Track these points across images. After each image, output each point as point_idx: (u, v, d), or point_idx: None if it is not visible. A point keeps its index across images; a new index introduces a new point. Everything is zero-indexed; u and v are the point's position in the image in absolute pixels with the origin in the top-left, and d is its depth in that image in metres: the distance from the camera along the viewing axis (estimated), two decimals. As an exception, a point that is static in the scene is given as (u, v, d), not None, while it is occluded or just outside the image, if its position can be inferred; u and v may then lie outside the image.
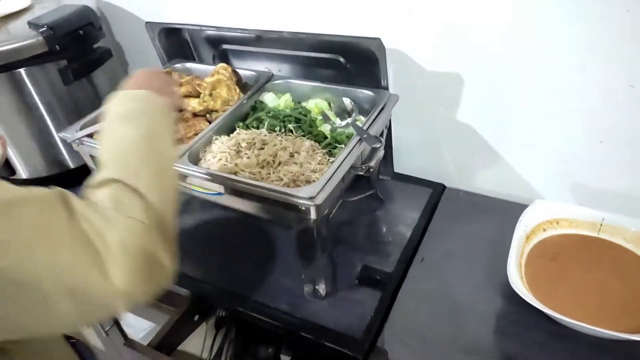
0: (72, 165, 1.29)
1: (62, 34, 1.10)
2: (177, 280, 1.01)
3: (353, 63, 1.08)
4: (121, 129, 0.65)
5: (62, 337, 0.76)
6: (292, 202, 0.77)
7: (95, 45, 1.22)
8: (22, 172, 1.27)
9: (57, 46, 1.10)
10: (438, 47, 0.98)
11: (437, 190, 1.16)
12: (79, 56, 1.17)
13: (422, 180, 1.20)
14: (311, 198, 0.75)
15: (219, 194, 0.88)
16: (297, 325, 0.90)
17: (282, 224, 1.03)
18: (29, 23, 1.11)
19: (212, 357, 1.04)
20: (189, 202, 1.20)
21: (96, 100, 1.28)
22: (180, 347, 1.04)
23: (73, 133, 0.99)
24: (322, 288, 0.93)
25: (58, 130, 1.17)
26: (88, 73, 1.21)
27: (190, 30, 1.24)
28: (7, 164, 1.25)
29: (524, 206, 0.94)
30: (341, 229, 1.07)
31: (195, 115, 1.07)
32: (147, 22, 1.18)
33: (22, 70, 1.14)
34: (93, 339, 1.53)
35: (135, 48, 1.43)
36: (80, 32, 1.14)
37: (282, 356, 1.01)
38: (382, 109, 0.96)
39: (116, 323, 1.41)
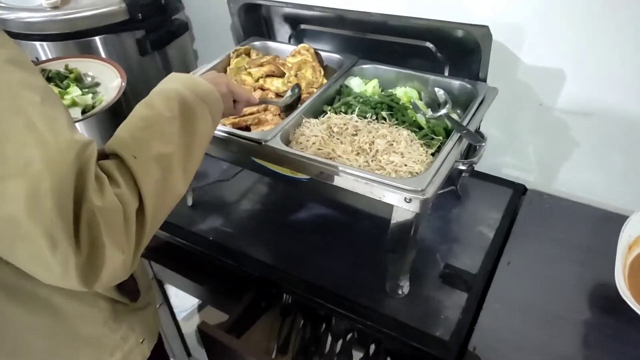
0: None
1: (145, 2, 1.07)
2: (248, 263, 1.01)
3: (445, 51, 1.03)
4: (164, 106, 0.62)
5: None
6: (398, 194, 0.73)
7: (173, 17, 1.18)
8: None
9: (139, 14, 1.07)
10: (544, 38, 0.93)
11: (518, 191, 1.11)
12: (157, 27, 1.14)
13: (501, 179, 1.15)
14: (421, 191, 0.71)
15: (309, 178, 0.84)
16: (379, 321, 0.86)
17: (373, 214, 0.99)
18: (113, -11, 1.08)
19: (279, 345, 1.02)
20: (262, 184, 1.17)
21: (166, 73, 1.25)
22: (248, 333, 1.02)
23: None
24: (406, 285, 0.89)
25: (127, 104, 1.14)
26: (165, 45, 1.18)
27: (270, 8, 1.20)
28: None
29: (620, 215, 0.89)
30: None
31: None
32: (229, -4, 1.14)
33: (97, 38, 1.12)
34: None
35: (205, 23, 1.40)
36: (162, 2, 1.11)
37: (353, 351, 0.98)
38: (481, 102, 0.91)
39: (166, 301, 1.40)
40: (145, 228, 0.55)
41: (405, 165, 0.79)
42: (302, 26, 1.22)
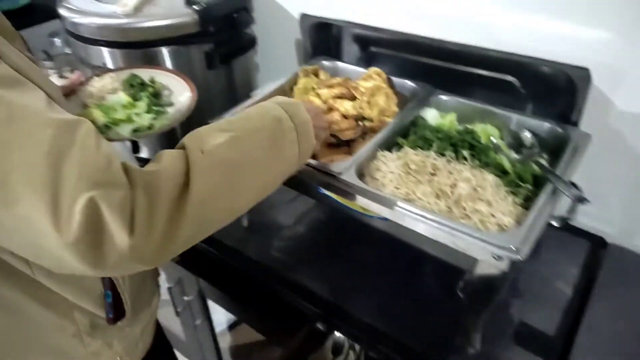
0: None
1: (217, 15, 1.04)
2: (303, 295, 0.96)
3: (530, 87, 0.96)
4: (256, 117, 0.62)
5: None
6: (486, 249, 0.66)
7: (243, 31, 1.15)
8: (146, 152, 1.23)
9: (210, 27, 1.04)
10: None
11: (597, 244, 1.02)
12: (227, 40, 1.11)
13: (577, 229, 1.06)
14: (515, 250, 0.64)
15: (383, 218, 0.79)
16: (445, 378, 0.79)
17: (443, 259, 0.92)
18: (186, 0, 1.05)
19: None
20: (320, 210, 1.12)
21: (229, 89, 1.22)
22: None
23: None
24: (477, 341, 0.82)
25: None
26: (232, 58, 1.14)
27: (341, 27, 1.15)
28: (134, 141, 1.21)
29: None
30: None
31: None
32: (302, 14, 1.10)
33: (164, 49, 1.09)
34: (176, 326, 1.50)
35: (270, 38, 1.36)
36: (235, 15, 1.08)
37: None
38: (574, 151, 0.83)
39: (207, 318, 1.37)
40: (181, 226, 0.51)
41: (493, 216, 0.72)
42: (373, 48, 1.17)
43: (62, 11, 1.11)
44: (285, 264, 1.01)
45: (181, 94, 0.93)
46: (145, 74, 0.95)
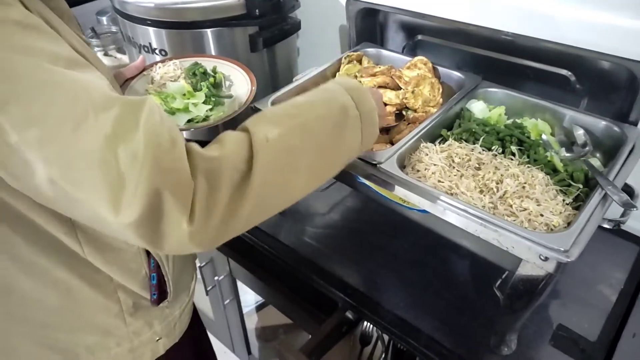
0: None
1: (263, -2, 1.03)
2: (335, 283, 0.95)
3: (586, 83, 0.91)
4: (322, 103, 0.61)
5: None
6: (532, 249, 0.64)
7: (288, 15, 1.14)
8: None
9: (256, 10, 1.03)
10: None
11: (646, 250, 0.98)
12: (272, 24, 1.10)
13: (625, 232, 1.02)
14: (564, 252, 0.62)
15: (423, 211, 0.77)
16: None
17: (481, 256, 0.90)
18: (233, -19, 1.05)
19: (357, 376, 0.96)
20: (357, 199, 1.11)
21: (271, 73, 1.21)
22: (325, 357, 0.96)
23: (265, 106, 0.92)
24: (513, 342, 0.80)
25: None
26: (276, 42, 1.13)
27: (388, 14, 1.13)
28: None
29: None
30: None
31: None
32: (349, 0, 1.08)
33: (209, 31, 1.09)
34: (205, 305, 1.53)
35: (314, 23, 1.34)
36: (281, -1, 1.07)
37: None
38: (631, 151, 0.79)
39: (236, 297, 1.38)
40: (239, 212, 0.50)
41: (542, 215, 0.69)
42: (420, 37, 1.14)
43: (111, -11, 1.13)
44: (317, 251, 1.00)
45: (241, 87, 0.92)
46: (208, 63, 0.95)
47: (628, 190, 0.78)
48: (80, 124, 0.44)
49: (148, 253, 0.69)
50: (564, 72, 0.94)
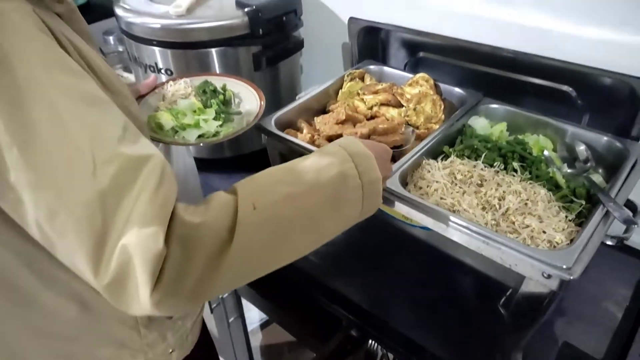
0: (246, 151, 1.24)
1: (267, 17, 1.05)
2: (340, 301, 0.95)
3: (587, 98, 0.92)
4: (322, 172, 0.56)
5: None
6: (535, 267, 0.64)
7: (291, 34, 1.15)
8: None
9: (260, 30, 1.05)
10: None
11: (652, 265, 0.97)
12: (275, 43, 1.11)
13: (630, 248, 1.01)
14: (566, 269, 0.62)
15: (426, 228, 0.77)
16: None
17: (483, 272, 0.89)
18: (237, 2, 1.07)
19: (361, 395, 0.95)
20: (367, 220, 1.11)
21: (274, 91, 1.23)
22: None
23: (268, 124, 0.93)
24: (519, 360, 0.79)
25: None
26: (279, 61, 1.15)
27: (390, 32, 1.14)
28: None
29: None
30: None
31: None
32: (351, 18, 1.10)
33: (213, 50, 1.11)
34: (210, 323, 1.52)
35: (317, 41, 1.36)
36: (284, 18, 1.08)
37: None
38: (633, 166, 0.79)
39: (241, 315, 1.38)
40: (216, 279, 0.49)
41: (544, 232, 0.69)
42: (421, 54, 1.15)
43: (118, 10, 1.15)
44: (321, 268, 1.00)
45: (250, 104, 0.94)
46: (218, 81, 0.97)
47: (631, 206, 0.77)
48: (78, 175, 0.45)
49: None
50: (565, 88, 0.95)
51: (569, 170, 0.83)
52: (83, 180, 0.45)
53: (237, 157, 1.24)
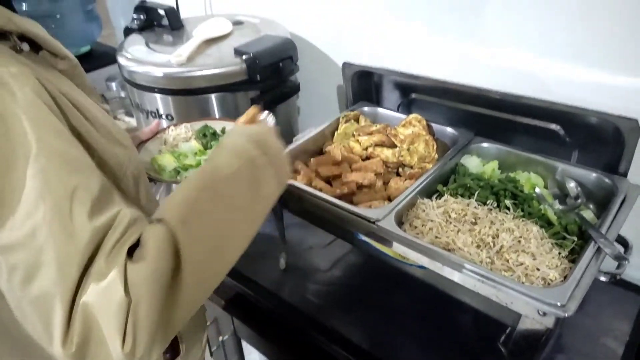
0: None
1: (264, 64, 1.10)
2: (339, 342, 0.95)
3: (575, 136, 0.95)
4: (228, 165, 0.59)
5: None
6: (530, 304, 0.64)
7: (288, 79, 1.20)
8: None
9: (257, 75, 1.09)
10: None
11: (649, 299, 0.97)
12: (272, 87, 1.15)
13: (626, 282, 1.02)
14: (561, 306, 0.62)
15: (423, 267, 0.78)
16: None
17: (482, 311, 0.90)
18: (235, 50, 1.11)
19: None
20: (358, 255, 1.12)
21: (272, 131, 1.26)
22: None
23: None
24: (520, 400, 0.79)
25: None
26: (276, 104, 1.19)
27: (382, 75, 1.18)
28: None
29: None
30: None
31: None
32: (345, 63, 1.14)
33: (213, 96, 1.15)
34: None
35: (313, 84, 1.41)
36: (280, 64, 1.13)
37: None
38: (622, 202, 0.81)
39: (241, 357, 1.36)
40: (178, 305, 0.50)
41: (538, 269, 0.70)
42: (414, 95, 1.19)
43: (120, 59, 1.20)
44: (320, 308, 1.01)
45: None
46: (218, 125, 1.01)
47: (622, 241, 0.79)
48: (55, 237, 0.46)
49: None
50: (553, 126, 0.98)
51: (560, 207, 0.85)
52: (57, 246, 0.46)
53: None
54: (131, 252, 0.49)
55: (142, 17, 1.31)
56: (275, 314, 1.03)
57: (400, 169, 1.00)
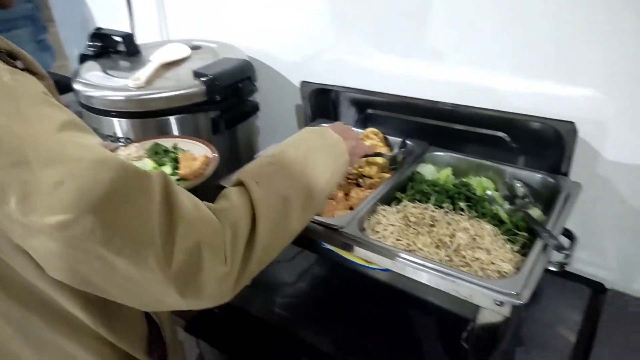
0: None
1: (223, 85, 1.12)
2: (309, 352, 0.96)
3: (520, 142, 1.02)
4: (291, 147, 0.70)
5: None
6: (488, 296, 0.68)
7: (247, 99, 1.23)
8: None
9: (217, 96, 1.12)
10: (630, 136, 0.90)
11: (597, 290, 1.04)
12: (232, 107, 1.18)
13: (575, 275, 1.08)
14: (516, 295, 0.67)
15: (385, 269, 0.81)
16: None
17: (443, 307, 0.93)
18: (195, 72, 1.13)
19: None
20: (323, 266, 1.14)
21: (232, 152, 1.28)
22: None
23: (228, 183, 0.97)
24: (485, 393, 0.82)
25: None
26: (237, 124, 1.21)
27: (339, 92, 1.23)
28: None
29: None
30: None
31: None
32: (302, 82, 1.18)
33: (172, 118, 1.16)
34: None
35: (271, 103, 1.44)
36: (240, 85, 1.16)
37: None
38: (566, 199, 0.88)
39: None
40: (253, 254, 0.57)
41: (493, 263, 0.75)
42: (369, 110, 1.24)
43: (76, 86, 1.19)
44: (288, 320, 1.01)
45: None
46: (168, 142, 1.01)
47: (568, 234, 0.85)
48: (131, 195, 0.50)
49: (148, 319, 0.72)
50: (499, 134, 1.05)
51: (510, 207, 0.91)
52: (140, 197, 0.50)
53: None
54: None
55: (97, 44, 1.31)
56: (242, 332, 1.02)
57: (360, 180, 1.04)
